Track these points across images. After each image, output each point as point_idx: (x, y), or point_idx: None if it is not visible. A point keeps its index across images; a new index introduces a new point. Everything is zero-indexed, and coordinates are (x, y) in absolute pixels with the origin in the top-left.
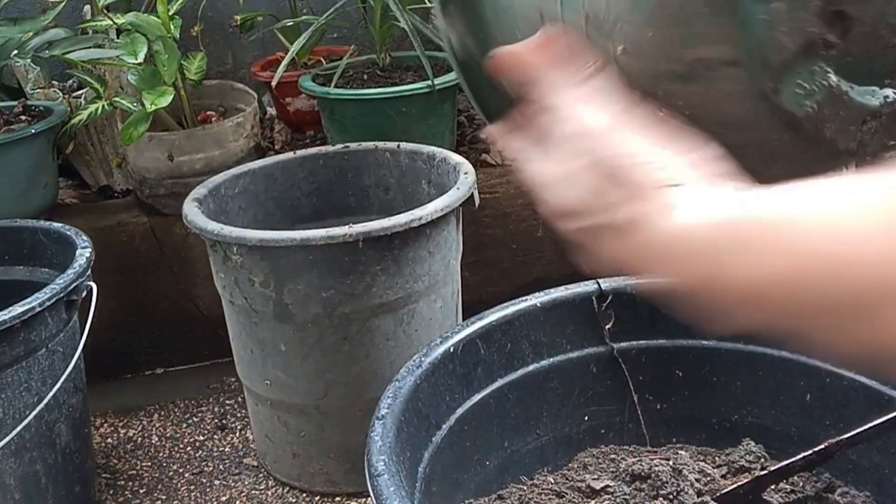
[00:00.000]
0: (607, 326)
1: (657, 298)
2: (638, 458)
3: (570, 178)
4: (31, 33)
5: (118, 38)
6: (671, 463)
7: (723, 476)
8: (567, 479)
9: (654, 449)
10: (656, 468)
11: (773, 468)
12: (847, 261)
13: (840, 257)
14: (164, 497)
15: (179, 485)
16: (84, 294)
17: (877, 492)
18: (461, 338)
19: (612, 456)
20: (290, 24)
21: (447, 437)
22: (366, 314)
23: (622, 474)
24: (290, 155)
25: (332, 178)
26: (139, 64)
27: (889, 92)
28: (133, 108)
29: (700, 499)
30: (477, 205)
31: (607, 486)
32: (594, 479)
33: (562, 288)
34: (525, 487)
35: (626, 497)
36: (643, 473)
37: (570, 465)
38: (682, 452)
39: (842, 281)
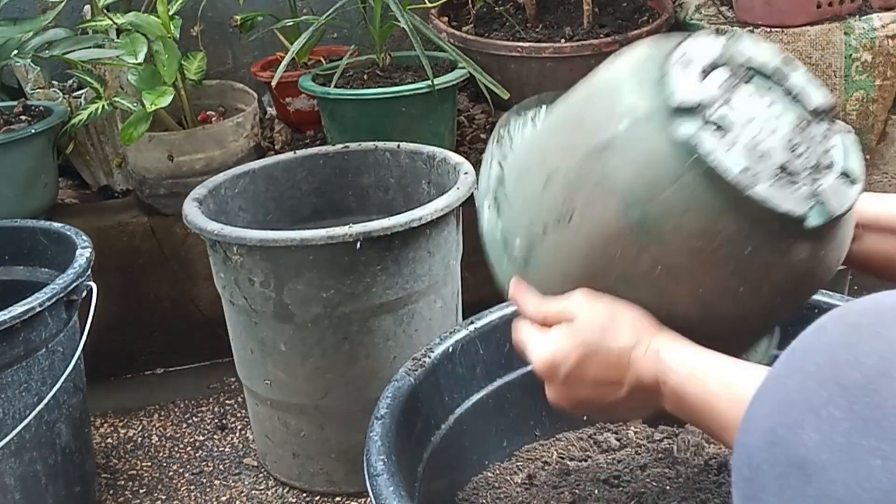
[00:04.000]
0: None
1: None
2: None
3: None
4: (31, 33)
5: (118, 38)
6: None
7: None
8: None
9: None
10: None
11: None
12: None
13: None
14: (164, 497)
15: (179, 485)
16: (84, 294)
17: None
18: (461, 338)
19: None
20: (290, 24)
21: (447, 437)
22: (366, 314)
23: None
24: (290, 155)
25: (332, 177)
26: (139, 64)
27: None
28: (133, 108)
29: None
30: None
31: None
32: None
33: None
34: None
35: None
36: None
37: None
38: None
39: None
